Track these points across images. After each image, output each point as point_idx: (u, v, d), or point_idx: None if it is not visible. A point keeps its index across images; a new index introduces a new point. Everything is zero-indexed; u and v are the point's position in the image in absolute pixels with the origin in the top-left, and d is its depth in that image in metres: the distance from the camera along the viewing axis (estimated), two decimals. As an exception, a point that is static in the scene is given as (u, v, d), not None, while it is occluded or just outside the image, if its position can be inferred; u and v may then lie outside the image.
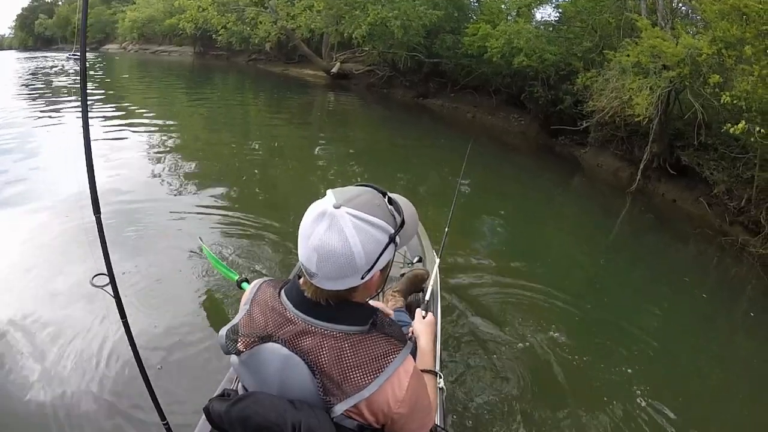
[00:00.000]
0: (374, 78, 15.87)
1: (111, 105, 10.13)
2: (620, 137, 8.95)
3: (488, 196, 7.24)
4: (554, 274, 4.88)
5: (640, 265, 5.69)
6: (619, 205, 7.91)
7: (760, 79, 4.76)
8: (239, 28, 16.50)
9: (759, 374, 3.85)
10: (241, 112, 11.68)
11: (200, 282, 3.50)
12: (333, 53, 16.43)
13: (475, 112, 13.41)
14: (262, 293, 1.00)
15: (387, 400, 0.90)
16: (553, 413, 2.80)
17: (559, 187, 8.93)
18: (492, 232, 5.81)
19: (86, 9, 1.48)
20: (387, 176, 7.33)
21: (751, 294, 5.49)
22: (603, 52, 8.44)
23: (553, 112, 11.04)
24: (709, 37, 5.23)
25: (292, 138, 9.52)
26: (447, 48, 12.91)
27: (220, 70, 18.56)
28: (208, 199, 5.29)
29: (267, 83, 16.73)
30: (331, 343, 0.89)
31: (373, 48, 14.18)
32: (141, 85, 13.43)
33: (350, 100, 14.97)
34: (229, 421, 0.92)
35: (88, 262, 3.13)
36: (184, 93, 13.57)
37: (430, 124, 12.81)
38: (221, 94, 13.31)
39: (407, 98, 14.92)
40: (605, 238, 6.47)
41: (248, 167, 7.06)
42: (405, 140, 10.38)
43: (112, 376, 2.54)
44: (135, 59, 20.49)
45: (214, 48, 20.96)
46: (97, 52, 25.12)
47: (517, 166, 9.72)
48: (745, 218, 6.38)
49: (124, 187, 5.37)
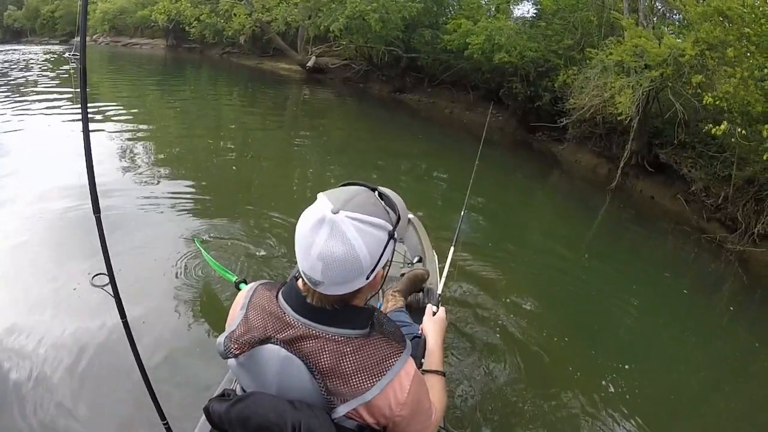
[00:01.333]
0: (350, 72, 15.65)
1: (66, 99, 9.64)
2: (598, 134, 9.06)
3: (465, 191, 7.23)
4: (534, 269, 4.94)
5: (621, 260, 5.78)
6: (597, 201, 8.02)
7: (741, 82, 4.84)
8: (213, 20, 16.14)
9: (740, 366, 4.03)
10: (215, 107, 11.36)
11: (200, 282, 3.50)
12: (309, 47, 16.13)
13: (453, 108, 13.38)
14: (258, 297, 0.98)
15: (389, 404, 0.90)
16: (534, 406, 2.88)
17: (538, 183, 9.00)
18: (471, 228, 5.74)
19: (86, 9, 1.42)
20: (365, 173, 7.22)
21: (730, 289, 5.66)
22: (583, 50, 8.50)
23: (532, 109, 11.10)
24: (692, 38, 5.30)
25: (267, 134, 9.30)
26: (425, 43, 12.80)
27: (193, 64, 18.10)
28: (181, 197, 5.16)
29: (241, 77, 16.46)
30: (332, 347, 0.89)
31: (351, 42, 13.97)
32: (112, 80, 12.88)
33: (326, 95, 14.78)
34: (229, 422, 0.92)
35: (88, 262, 3.20)
36: (156, 87, 13.11)
37: (407, 120, 12.74)
38: (194, 88, 12.98)
39: (384, 93, 14.81)
40: (585, 234, 6.54)
41: (222, 164, 6.85)
42: (382, 135, 10.29)
43: (112, 375, 2.52)
44: (106, 52, 19.73)
45: (186, 41, 20.37)
46: (67, 45, 23.98)
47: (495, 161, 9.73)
48: (722, 215, 6.55)
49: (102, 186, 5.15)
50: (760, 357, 4.18)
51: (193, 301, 3.29)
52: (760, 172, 5.65)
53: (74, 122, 7.49)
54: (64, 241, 3.85)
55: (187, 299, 3.29)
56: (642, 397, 3.18)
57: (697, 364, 3.96)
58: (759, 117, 5.12)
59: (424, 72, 13.96)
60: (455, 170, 7.55)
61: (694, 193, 6.97)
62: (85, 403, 2.39)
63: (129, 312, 1.79)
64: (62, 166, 5.07)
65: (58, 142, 6.63)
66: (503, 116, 12.32)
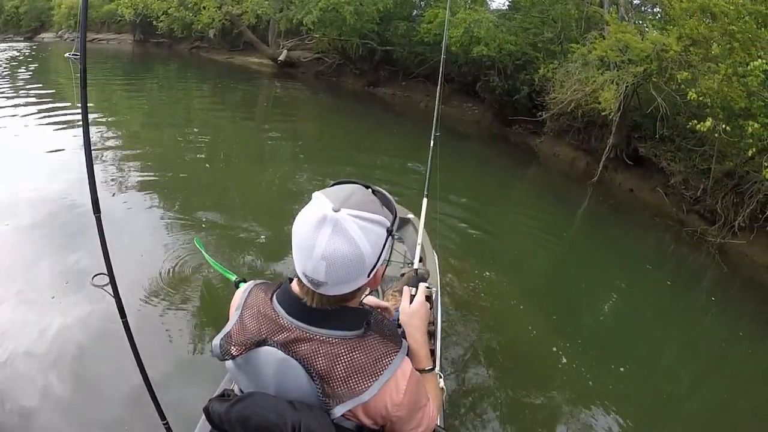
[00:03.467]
0: (323, 66, 15.33)
1: (47, 100, 9.05)
2: (577, 127, 9.12)
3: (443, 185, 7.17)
4: (515, 264, 4.98)
5: (602, 252, 5.86)
6: (576, 194, 8.08)
7: (725, 78, 4.90)
8: (181, 13, 15.50)
9: (723, 353, 4.18)
10: (184, 104, 10.92)
11: (200, 282, 3.54)
12: (280, 40, 15.69)
13: (428, 101, 13.24)
14: (253, 298, 0.98)
15: (385, 404, 0.90)
16: (520, 401, 2.96)
17: (516, 176, 8.99)
18: (450, 224, 5.68)
19: (86, 7, 1.43)
20: (340, 168, 7.10)
21: (711, 279, 5.81)
22: (562, 44, 8.51)
23: (509, 102, 11.11)
24: (675, 33, 5.34)
25: (238, 131, 9.01)
26: (400, 35, 12.63)
27: (161, 59, 17.44)
28: (150, 201, 5.04)
29: (210, 72, 16.00)
30: (327, 349, 0.88)
31: (324, 35, 13.64)
32: (77, 79, 12.21)
33: (298, 89, 14.50)
34: (228, 422, 0.91)
35: (87, 262, 3.28)
36: (123, 85, 12.50)
37: (381, 114, 12.61)
38: (163, 84, 12.47)
39: (357, 87, 14.61)
40: (565, 228, 6.58)
41: (192, 164, 6.59)
42: (356, 130, 10.13)
43: (113, 376, 2.54)
44: (72, 49, 18.72)
45: (155, 35, 19.58)
46: (31, 42, 22.52)
47: (473, 155, 9.69)
48: (701, 207, 6.68)
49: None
50: (743, 344, 4.34)
51: (194, 300, 3.32)
52: (740, 166, 5.77)
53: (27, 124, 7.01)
54: (64, 241, 3.89)
55: (188, 299, 3.32)
56: (628, 386, 3.27)
57: (680, 353, 4.09)
58: (740, 112, 5.21)
59: (398, 65, 13.79)
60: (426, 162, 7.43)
61: (674, 185, 7.09)
62: (85, 403, 2.41)
63: (129, 312, 1.82)
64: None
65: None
66: (479, 109, 12.30)
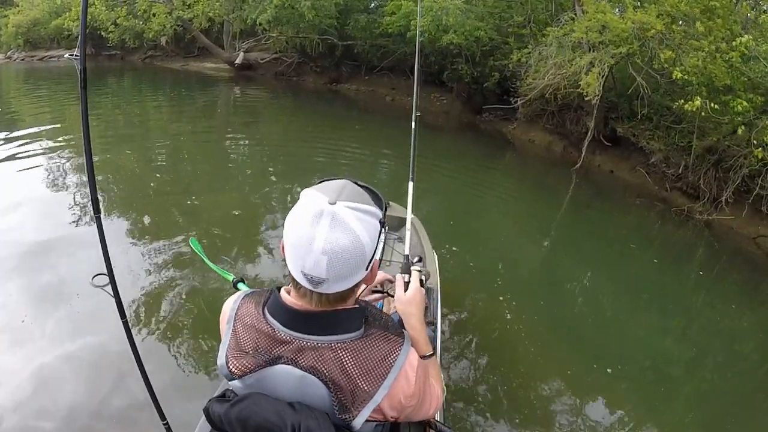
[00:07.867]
0: (282, 66, 14.79)
1: None
2: (550, 111, 9.07)
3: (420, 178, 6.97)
4: (502, 252, 4.94)
5: (587, 235, 5.83)
6: (556, 178, 8.03)
7: (709, 55, 4.86)
8: (131, 23, 14.61)
9: (714, 326, 4.22)
10: (140, 118, 10.24)
11: (199, 282, 3.52)
12: (236, 42, 14.99)
13: (394, 95, 13.02)
14: (243, 312, 0.96)
15: (399, 399, 0.91)
16: (514, 392, 2.95)
17: (491, 165, 8.82)
18: (431, 216, 5.49)
19: (86, 9, 1.43)
20: (307, 168, 6.85)
21: (698, 255, 5.87)
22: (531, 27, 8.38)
23: (478, 90, 10.98)
24: (654, 11, 5.27)
25: (199, 140, 8.51)
26: (361, 29, 12.26)
27: (114, 72, 16.43)
28: (112, 223, 4.66)
29: (166, 81, 15.16)
30: (330, 355, 0.87)
31: (281, 33, 13.11)
32: (29, 100, 11.32)
33: (258, 92, 13.95)
34: (228, 422, 0.91)
35: (87, 262, 3.21)
36: (76, 103, 11.63)
37: (345, 111, 12.30)
38: (116, 100, 11.67)
39: (319, 85, 14.23)
40: (547, 213, 6.49)
41: (152, 181, 6.11)
42: (321, 129, 9.77)
43: (113, 376, 2.54)
44: (22, 69, 17.46)
45: (106, 48, 18.41)
46: None
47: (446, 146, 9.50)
48: (683, 184, 6.73)
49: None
50: (736, 318, 4.38)
51: (193, 300, 3.30)
52: (722, 140, 5.80)
53: None
54: (63, 241, 3.91)
55: (187, 299, 3.31)
56: (625, 367, 3.30)
57: (675, 326, 4.13)
58: (722, 89, 5.20)
59: (360, 60, 13.47)
60: (400, 154, 7.22)
61: (654, 164, 7.12)
62: (85, 404, 2.40)
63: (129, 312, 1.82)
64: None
65: None
66: (447, 99, 12.13)
